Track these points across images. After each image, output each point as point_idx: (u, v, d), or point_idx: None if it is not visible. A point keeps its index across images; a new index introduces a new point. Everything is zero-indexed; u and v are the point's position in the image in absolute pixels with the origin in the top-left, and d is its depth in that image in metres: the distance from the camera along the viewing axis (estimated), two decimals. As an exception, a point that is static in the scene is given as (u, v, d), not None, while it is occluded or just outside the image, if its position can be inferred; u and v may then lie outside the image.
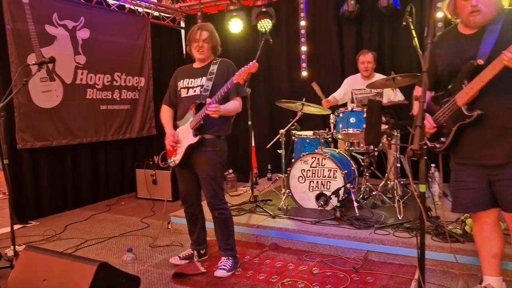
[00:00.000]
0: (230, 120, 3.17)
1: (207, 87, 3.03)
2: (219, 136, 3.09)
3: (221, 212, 3.10)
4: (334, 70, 5.73)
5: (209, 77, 3.05)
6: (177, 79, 3.23)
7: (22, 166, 4.72)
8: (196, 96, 3.06)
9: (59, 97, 5.00)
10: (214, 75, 3.05)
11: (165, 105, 3.33)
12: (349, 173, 4.03)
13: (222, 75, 3.05)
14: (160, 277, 3.07)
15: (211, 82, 3.04)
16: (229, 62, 3.18)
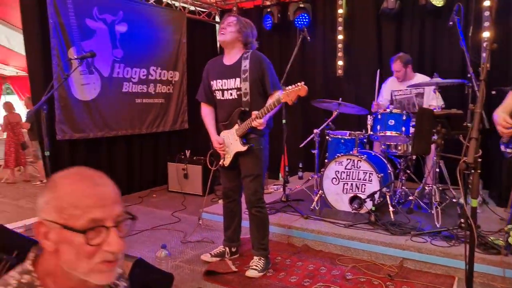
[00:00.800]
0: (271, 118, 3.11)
1: (245, 91, 2.97)
2: (262, 134, 3.07)
3: (259, 210, 3.09)
4: (372, 70, 5.56)
5: (243, 77, 2.98)
6: (209, 77, 3.17)
7: (61, 157, 4.84)
8: (235, 101, 3.02)
9: (96, 90, 5.09)
10: (248, 73, 2.97)
11: (203, 103, 3.28)
12: (385, 176, 3.93)
13: (256, 73, 2.98)
14: (192, 274, 3.09)
15: (247, 83, 2.97)
16: (259, 55, 3.05)
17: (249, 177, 3.06)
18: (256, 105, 2.94)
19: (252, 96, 2.98)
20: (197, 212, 4.49)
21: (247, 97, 2.98)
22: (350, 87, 5.72)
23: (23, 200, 6.43)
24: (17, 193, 7.09)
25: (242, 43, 3.05)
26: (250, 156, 3.04)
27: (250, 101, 2.98)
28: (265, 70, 2.99)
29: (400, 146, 4.12)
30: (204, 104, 3.28)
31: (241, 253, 3.45)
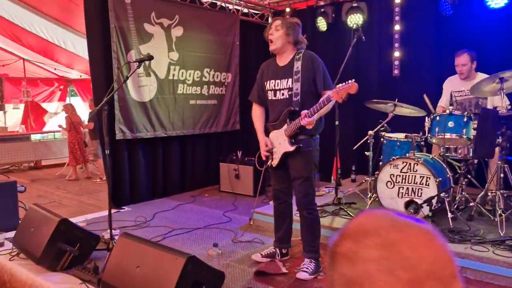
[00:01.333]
0: (322, 118, 3.08)
1: (296, 91, 2.97)
2: (312, 135, 3.03)
3: (310, 212, 3.06)
4: (430, 70, 5.35)
5: (295, 78, 2.97)
6: (263, 78, 3.20)
7: (119, 156, 5.07)
8: (286, 100, 3.02)
9: (153, 91, 5.29)
10: (300, 74, 2.96)
11: (255, 103, 3.32)
12: (444, 181, 3.74)
13: (308, 72, 2.97)
14: (242, 273, 3.11)
15: (298, 84, 2.96)
16: (311, 55, 3.03)
17: (298, 179, 3.04)
18: (307, 105, 2.91)
19: (303, 96, 2.96)
20: (248, 213, 4.53)
21: (297, 97, 2.97)
22: (407, 87, 5.51)
23: (84, 196, 6.80)
24: (79, 189, 7.52)
25: (292, 44, 3.04)
26: (299, 158, 3.01)
27: (301, 101, 2.96)
28: (317, 69, 2.96)
29: (460, 149, 3.92)
30: (255, 104, 3.31)
31: (292, 255, 3.43)
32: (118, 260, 2.62)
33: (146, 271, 2.44)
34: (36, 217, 3.30)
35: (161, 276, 2.34)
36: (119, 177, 5.09)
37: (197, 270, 2.39)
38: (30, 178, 8.52)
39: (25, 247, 3.22)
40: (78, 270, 2.99)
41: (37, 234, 3.13)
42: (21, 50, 9.68)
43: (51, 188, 7.61)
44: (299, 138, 3.00)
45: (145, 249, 2.54)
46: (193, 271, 2.35)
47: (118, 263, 2.60)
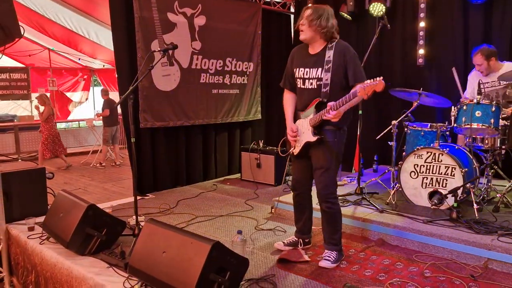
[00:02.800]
0: (350, 110, 3.01)
1: (326, 81, 2.92)
2: (339, 127, 2.99)
3: (329, 206, 3.04)
4: (456, 60, 5.22)
5: (326, 68, 2.92)
6: (293, 65, 3.15)
7: (143, 144, 5.16)
8: (315, 90, 2.99)
9: (176, 81, 5.33)
10: (331, 64, 2.91)
11: (286, 90, 3.27)
12: (469, 171, 3.69)
13: (339, 63, 2.91)
14: (265, 260, 3.15)
15: (329, 74, 2.91)
16: (344, 45, 2.96)
17: (319, 169, 3.02)
18: (335, 97, 2.85)
19: (332, 88, 2.92)
20: (269, 201, 4.55)
21: (326, 88, 2.93)
22: (432, 77, 5.42)
23: (109, 184, 6.96)
24: (103, 176, 7.69)
25: (323, 34, 2.96)
26: (322, 148, 2.99)
27: (329, 92, 2.92)
28: (349, 61, 2.90)
29: (487, 139, 3.84)
30: (286, 90, 3.28)
31: (314, 243, 3.45)
32: (144, 245, 2.69)
33: (172, 256, 2.49)
34: (64, 203, 3.40)
35: (187, 261, 2.39)
36: (143, 165, 5.18)
37: (222, 256, 2.43)
38: (55, 165, 8.74)
39: (54, 232, 3.33)
40: (105, 254, 3.08)
41: (66, 219, 3.23)
42: (46, 40, 9.87)
43: (76, 176, 7.80)
44: (325, 128, 2.97)
45: (171, 235, 2.59)
46: (218, 257, 2.39)
47: (144, 248, 2.67)
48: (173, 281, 2.40)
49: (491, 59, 4.18)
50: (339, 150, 3.03)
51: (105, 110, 8.38)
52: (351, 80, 2.90)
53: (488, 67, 4.20)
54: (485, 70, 4.23)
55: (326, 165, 2.99)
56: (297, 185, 3.27)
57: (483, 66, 4.21)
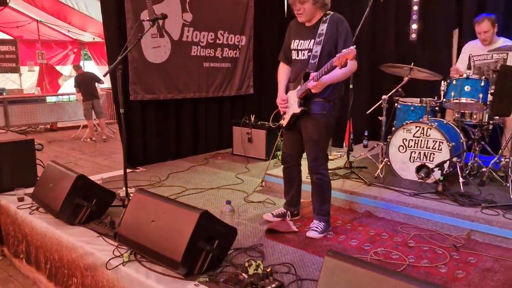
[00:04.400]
0: (341, 84, 3.01)
1: (315, 53, 2.92)
2: (328, 100, 2.98)
3: (319, 178, 3.08)
4: (449, 35, 5.19)
5: (317, 40, 2.91)
6: (290, 37, 3.15)
7: (133, 116, 5.13)
8: (305, 62, 2.99)
9: (167, 53, 5.27)
10: (323, 37, 2.89)
11: (282, 62, 3.28)
12: (456, 146, 3.73)
13: (331, 36, 2.90)
14: (254, 231, 3.20)
15: (319, 47, 2.90)
16: (338, 18, 2.94)
17: (309, 142, 3.05)
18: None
19: (321, 60, 2.91)
20: (260, 175, 4.59)
21: (315, 59, 2.93)
22: (424, 52, 5.40)
23: (99, 158, 6.95)
24: (94, 150, 7.67)
25: (319, 9, 2.94)
26: (311, 121, 3.00)
27: (318, 64, 2.91)
28: (340, 34, 2.89)
29: (475, 114, 3.87)
30: (282, 63, 3.29)
31: (302, 215, 3.50)
32: (133, 214, 2.71)
33: (161, 225, 2.52)
34: (54, 173, 3.40)
35: (176, 230, 2.42)
36: (133, 139, 5.16)
37: (211, 225, 2.46)
38: (46, 139, 8.70)
39: (44, 202, 3.34)
40: (95, 224, 3.11)
41: (56, 190, 3.24)
42: (35, 11, 9.66)
43: (67, 149, 7.78)
44: (313, 101, 2.98)
45: (160, 204, 2.62)
46: (207, 225, 2.43)
47: (134, 218, 2.69)
48: (162, 249, 2.44)
49: (495, 26, 4.10)
50: (329, 123, 3.03)
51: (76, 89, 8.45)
52: (340, 51, 2.87)
53: (493, 34, 4.11)
54: (490, 37, 4.11)
55: (315, 137, 3.01)
56: (287, 158, 3.30)
57: (489, 33, 4.08)
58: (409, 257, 2.74)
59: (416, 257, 2.75)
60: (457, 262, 2.68)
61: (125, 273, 2.49)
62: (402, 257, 2.73)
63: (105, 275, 2.61)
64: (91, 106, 8.41)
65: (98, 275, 2.67)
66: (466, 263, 2.68)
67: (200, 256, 2.43)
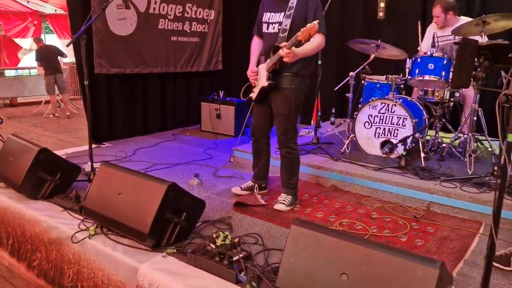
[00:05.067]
0: (310, 58, 3.02)
1: (285, 27, 2.91)
2: (298, 74, 3.00)
3: (288, 151, 3.13)
4: (416, 13, 5.28)
5: (287, 14, 2.91)
6: (263, 10, 3.14)
7: (98, 90, 4.99)
8: (275, 35, 2.98)
9: (133, 25, 5.12)
10: (293, 11, 2.89)
11: (255, 35, 3.28)
12: (419, 122, 3.86)
13: (301, 10, 2.89)
14: (222, 204, 3.22)
15: (289, 20, 2.90)
16: None
17: (278, 116, 3.07)
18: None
19: (290, 34, 2.89)
20: (229, 151, 4.59)
21: (284, 33, 2.92)
22: (390, 30, 5.49)
23: (63, 134, 6.76)
24: (58, 127, 7.44)
25: None
26: (279, 94, 3.02)
27: (287, 38, 2.90)
28: (310, 8, 2.89)
29: (437, 92, 3.99)
30: (255, 36, 3.28)
31: (270, 188, 3.55)
32: (99, 187, 2.67)
33: (128, 197, 2.50)
34: (15, 147, 3.28)
35: (143, 202, 2.41)
36: (99, 113, 5.04)
37: (178, 197, 2.46)
38: (5, 115, 8.35)
39: (5, 176, 3.24)
40: (59, 198, 3.04)
41: (17, 163, 3.14)
42: (-10, -21, 9.11)
43: (28, 126, 7.51)
44: (282, 75, 2.98)
45: (127, 177, 2.59)
46: (174, 197, 2.43)
47: (100, 191, 2.65)
48: (129, 221, 2.42)
49: (449, 13, 4.24)
50: (298, 97, 3.05)
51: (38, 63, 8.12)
52: None
53: (444, 21, 4.27)
54: (441, 23, 4.30)
55: (284, 111, 3.04)
56: (255, 131, 3.32)
57: (440, 18, 4.27)
58: (372, 227, 2.84)
59: (379, 227, 2.86)
60: (417, 232, 2.81)
61: (92, 246, 2.47)
62: (366, 228, 2.84)
63: (70, 249, 2.58)
64: (54, 80, 8.10)
65: (63, 249, 2.63)
66: (425, 232, 2.81)
67: (167, 228, 2.43)
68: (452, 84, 3.65)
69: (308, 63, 3.05)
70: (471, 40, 1.82)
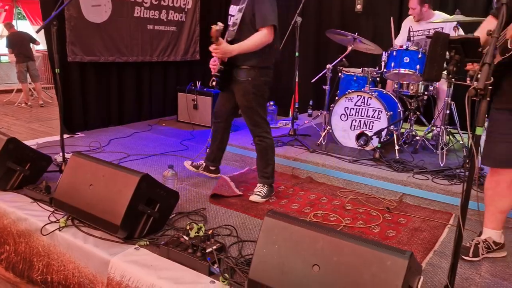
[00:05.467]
0: (266, 50, 2.99)
1: (236, 20, 2.94)
2: (254, 66, 3.00)
3: (260, 139, 3.13)
4: (393, 7, 5.33)
5: (240, 7, 2.93)
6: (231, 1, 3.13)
7: (71, 79, 4.86)
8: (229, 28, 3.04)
9: (107, 12, 4.99)
10: (245, 4, 2.89)
11: None
12: (394, 115, 3.91)
13: (251, 4, 2.89)
14: (197, 196, 3.20)
15: (240, 14, 2.92)
16: None
17: (241, 108, 3.14)
18: (243, 38, 2.90)
19: (240, 27, 2.93)
20: (205, 142, 4.55)
21: (235, 27, 2.95)
22: (368, 24, 5.52)
23: (35, 124, 6.58)
24: (29, 116, 7.24)
25: None
26: (239, 87, 3.05)
27: (237, 32, 2.95)
28: (258, 4, 2.87)
29: (412, 85, 4.05)
30: None
31: (246, 180, 3.55)
32: (70, 178, 2.61)
33: (99, 189, 2.45)
34: (-18, 136, 3.17)
35: (115, 193, 2.37)
36: (72, 102, 4.91)
37: (151, 188, 2.43)
38: (-26, 103, 8.07)
39: (-29, 166, 3.12)
40: (29, 189, 2.96)
41: (-16, 153, 3.03)
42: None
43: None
44: (239, 67, 3.00)
45: (99, 168, 2.54)
46: (147, 189, 2.39)
47: (71, 182, 2.59)
48: (101, 212, 2.38)
49: (425, 5, 4.28)
50: (258, 88, 3.04)
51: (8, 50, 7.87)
52: (257, 23, 2.89)
53: (420, 13, 4.32)
54: (417, 15, 4.34)
55: (245, 103, 3.08)
56: (218, 113, 3.37)
57: (416, 10, 4.31)
58: (345, 219, 2.87)
59: (352, 218, 2.89)
60: (389, 223, 2.85)
61: (62, 239, 2.42)
62: (339, 219, 2.87)
63: (40, 241, 2.52)
64: (26, 68, 7.86)
65: (33, 241, 2.57)
66: (397, 223, 2.86)
67: (140, 220, 2.40)
68: (424, 76, 3.70)
69: (263, 57, 3.01)
70: (443, 33, 1.85)
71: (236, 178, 3.58)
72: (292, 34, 4.33)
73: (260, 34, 2.88)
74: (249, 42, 2.88)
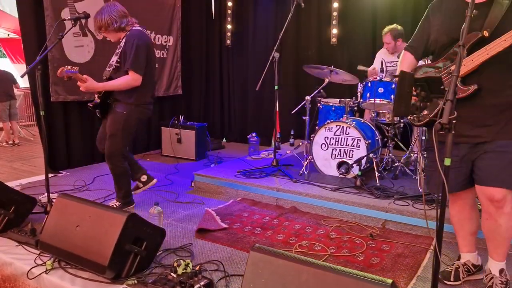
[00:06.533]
0: (140, 90, 3.35)
1: (111, 62, 3.40)
2: (128, 103, 3.37)
3: (111, 167, 3.47)
4: (367, 39, 5.59)
5: (117, 52, 3.37)
6: None
7: (55, 119, 4.89)
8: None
9: (90, 52, 5.09)
10: (121, 49, 3.32)
11: None
12: (372, 143, 4.04)
13: (123, 50, 3.31)
14: (183, 231, 3.22)
15: (116, 57, 3.37)
16: (130, 35, 3.32)
17: (108, 133, 3.43)
18: (115, 77, 3.36)
19: (114, 69, 3.38)
20: (190, 175, 4.60)
21: (110, 68, 3.40)
22: (343, 55, 5.75)
23: (17, 163, 6.51)
24: (11, 155, 7.16)
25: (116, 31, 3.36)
26: (113, 117, 3.41)
27: (111, 72, 3.40)
28: (128, 49, 3.26)
29: (388, 114, 4.21)
30: None
31: (231, 212, 3.59)
32: (56, 220, 2.62)
33: (86, 229, 2.47)
34: (-36, 181, 3.16)
35: (102, 233, 2.39)
36: (55, 141, 4.92)
37: (138, 227, 2.46)
38: (-46, 143, 7.96)
39: (-46, 211, 3.10)
40: (14, 232, 2.94)
41: (-33, 198, 3.02)
42: None
43: (-20, 154, 7.18)
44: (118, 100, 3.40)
45: (85, 209, 2.56)
46: (134, 228, 2.42)
47: (57, 223, 2.61)
48: (88, 253, 2.39)
49: (398, 40, 4.58)
50: (129, 123, 3.40)
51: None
52: (125, 66, 3.30)
53: (394, 47, 4.61)
54: (391, 49, 4.67)
55: (111, 131, 3.41)
56: (98, 141, 3.67)
57: (391, 45, 4.64)
58: (330, 247, 2.93)
59: (337, 247, 2.95)
60: (373, 250, 2.92)
61: (49, 282, 2.41)
62: (324, 248, 2.92)
63: (26, 285, 2.50)
64: (8, 107, 7.84)
65: (19, 285, 2.55)
66: (380, 250, 2.93)
67: (128, 259, 2.42)
68: (393, 113, 3.91)
69: (137, 95, 3.38)
70: (408, 73, 1.98)
71: (221, 211, 3.62)
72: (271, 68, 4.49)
73: (127, 78, 3.28)
74: (115, 83, 3.32)
